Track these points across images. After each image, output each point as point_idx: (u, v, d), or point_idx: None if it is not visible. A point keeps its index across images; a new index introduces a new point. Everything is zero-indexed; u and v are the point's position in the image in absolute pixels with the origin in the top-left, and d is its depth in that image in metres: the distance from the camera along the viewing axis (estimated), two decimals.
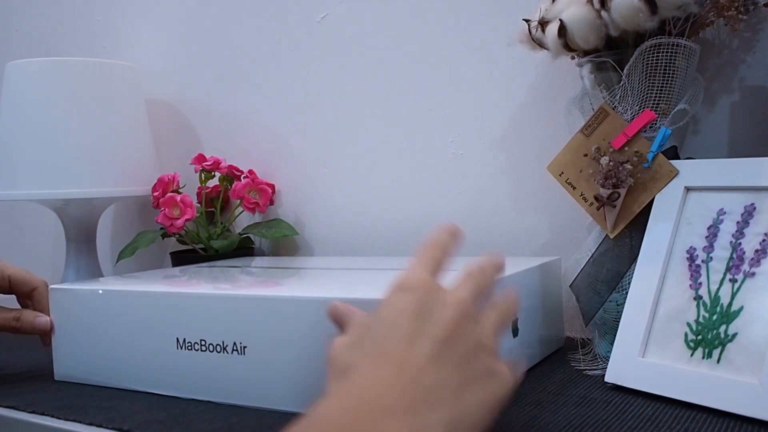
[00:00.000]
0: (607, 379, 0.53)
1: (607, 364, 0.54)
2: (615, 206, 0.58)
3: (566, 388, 0.54)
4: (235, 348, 0.53)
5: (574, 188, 0.61)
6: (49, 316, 0.63)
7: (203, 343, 0.54)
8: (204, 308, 0.54)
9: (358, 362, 0.34)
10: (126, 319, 0.58)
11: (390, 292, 0.37)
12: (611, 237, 0.59)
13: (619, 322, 0.55)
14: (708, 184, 0.54)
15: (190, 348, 0.55)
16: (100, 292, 0.61)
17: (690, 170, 0.56)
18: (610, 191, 0.57)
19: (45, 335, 0.63)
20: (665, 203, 0.56)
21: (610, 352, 0.55)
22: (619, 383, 0.53)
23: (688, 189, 0.55)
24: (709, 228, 0.53)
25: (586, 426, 0.46)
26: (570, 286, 0.62)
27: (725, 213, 0.52)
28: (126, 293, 0.59)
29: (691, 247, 0.53)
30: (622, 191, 0.57)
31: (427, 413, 0.31)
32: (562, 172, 0.61)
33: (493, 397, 0.34)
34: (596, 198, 0.58)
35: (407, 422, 0.30)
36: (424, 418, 0.30)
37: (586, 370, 0.59)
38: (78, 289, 0.63)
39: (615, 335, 0.54)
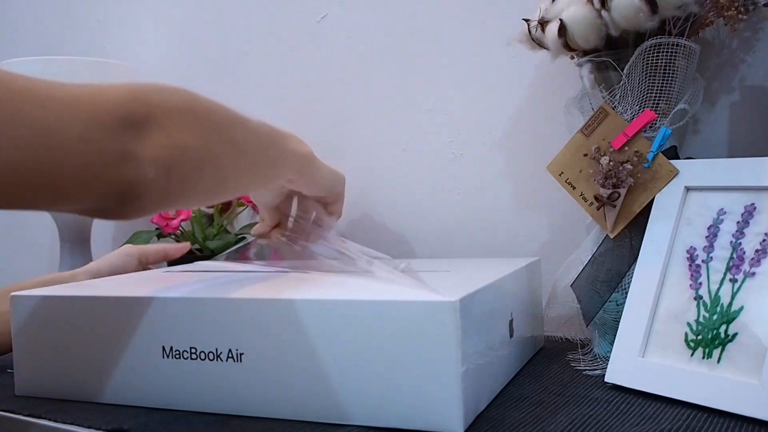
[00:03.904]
0: (607, 379, 0.53)
1: (607, 364, 0.54)
2: (615, 206, 0.58)
3: (567, 389, 0.54)
4: (230, 355, 0.49)
5: (574, 188, 0.61)
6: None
7: (193, 350, 0.50)
8: (194, 313, 0.50)
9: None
10: (99, 327, 0.54)
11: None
12: (611, 237, 0.59)
13: (619, 322, 0.55)
14: (708, 184, 0.54)
15: (178, 356, 0.51)
16: (63, 297, 0.55)
17: (690, 170, 0.55)
18: (610, 191, 0.57)
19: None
20: (665, 203, 0.56)
21: (610, 352, 0.54)
22: (619, 383, 0.53)
23: (688, 189, 0.55)
24: (709, 228, 0.53)
25: (588, 425, 0.45)
26: (570, 286, 0.61)
27: (725, 213, 0.52)
28: (96, 299, 0.54)
29: (691, 246, 0.53)
30: (622, 191, 0.57)
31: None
32: (562, 172, 0.61)
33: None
34: (596, 198, 0.58)
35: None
36: None
37: (586, 370, 0.59)
38: (44, 295, 0.56)
39: (615, 335, 0.54)
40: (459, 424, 0.44)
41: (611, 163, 0.57)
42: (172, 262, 0.91)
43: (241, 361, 0.49)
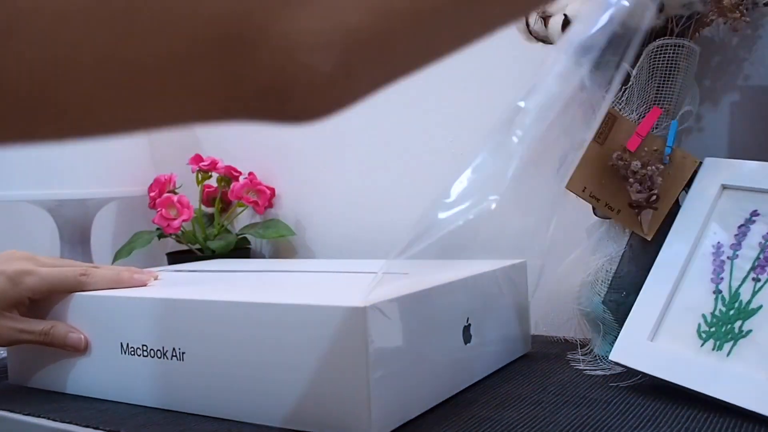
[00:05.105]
0: (612, 357, 0.52)
1: (607, 364, 0.54)
2: (656, 208, 0.56)
3: (566, 389, 0.54)
4: (174, 354, 0.51)
5: (598, 200, 0.58)
6: None
7: (145, 348, 0.53)
8: (144, 312, 0.53)
9: None
10: (74, 323, 0.57)
11: None
12: (648, 239, 0.57)
13: (619, 322, 0.54)
14: (744, 185, 0.54)
15: (133, 353, 0.53)
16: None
17: (729, 169, 0.55)
18: (647, 194, 0.56)
19: (78, 351, 0.57)
20: (699, 197, 0.55)
21: (609, 352, 0.54)
22: (624, 363, 0.52)
23: (724, 187, 0.55)
24: (739, 227, 0.53)
25: (587, 426, 0.45)
26: (578, 295, 0.61)
27: (758, 215, 0.52)
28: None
29: (718, 242, 0.53)
30: (657, 191, 0.56)
31: None
32: (585, 188, 0.58)
33: None
34: (632, 205, 0.57)
35: None
36: None
37: (585, 370, 0.58)
38: None
39: (615, 335, 0.54)
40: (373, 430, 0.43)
41: (643, 168, 0.56)
42: (173, 261, 0.91)
43: (183, 359, 0.51)
